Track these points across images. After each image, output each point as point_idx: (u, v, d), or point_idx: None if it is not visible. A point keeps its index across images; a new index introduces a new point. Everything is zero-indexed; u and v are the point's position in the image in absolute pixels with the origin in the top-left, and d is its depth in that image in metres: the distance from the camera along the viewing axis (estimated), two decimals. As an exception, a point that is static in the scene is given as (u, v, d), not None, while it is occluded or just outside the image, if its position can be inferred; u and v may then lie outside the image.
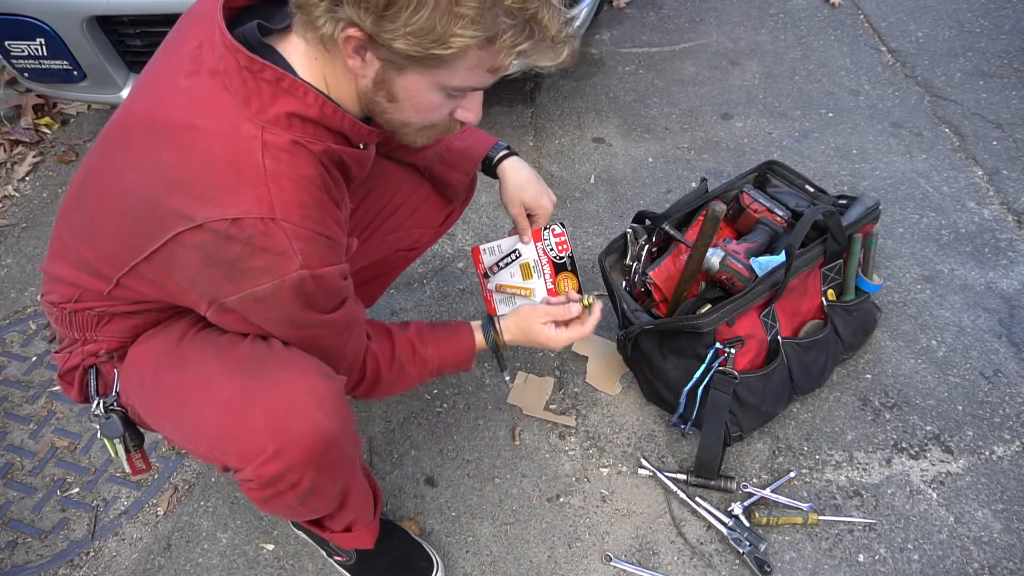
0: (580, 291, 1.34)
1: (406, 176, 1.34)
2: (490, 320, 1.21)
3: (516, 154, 1.32)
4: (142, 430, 1.12)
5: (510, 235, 1.40)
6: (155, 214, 0.83)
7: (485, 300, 1.44)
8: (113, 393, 1.06)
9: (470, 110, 0.93)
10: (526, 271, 1.39)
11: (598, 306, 1.22)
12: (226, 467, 0.97)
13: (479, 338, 1.20)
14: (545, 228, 1.36)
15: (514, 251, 1.39)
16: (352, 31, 0.78)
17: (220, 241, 0.81)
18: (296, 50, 0.86)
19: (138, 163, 0.85)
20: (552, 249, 1.37)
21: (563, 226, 1.37)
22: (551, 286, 1.39)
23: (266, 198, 0.80)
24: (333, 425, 0.92)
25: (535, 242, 1.37)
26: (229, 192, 0.80)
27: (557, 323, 1.21)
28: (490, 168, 1.32)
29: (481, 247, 1.42)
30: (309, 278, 0.85)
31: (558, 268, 1.38)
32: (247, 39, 0.84)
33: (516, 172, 1.30)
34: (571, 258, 1.38)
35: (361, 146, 0.95)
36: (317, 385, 0.92)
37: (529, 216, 1.34)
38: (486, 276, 1.43)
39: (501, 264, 1.40)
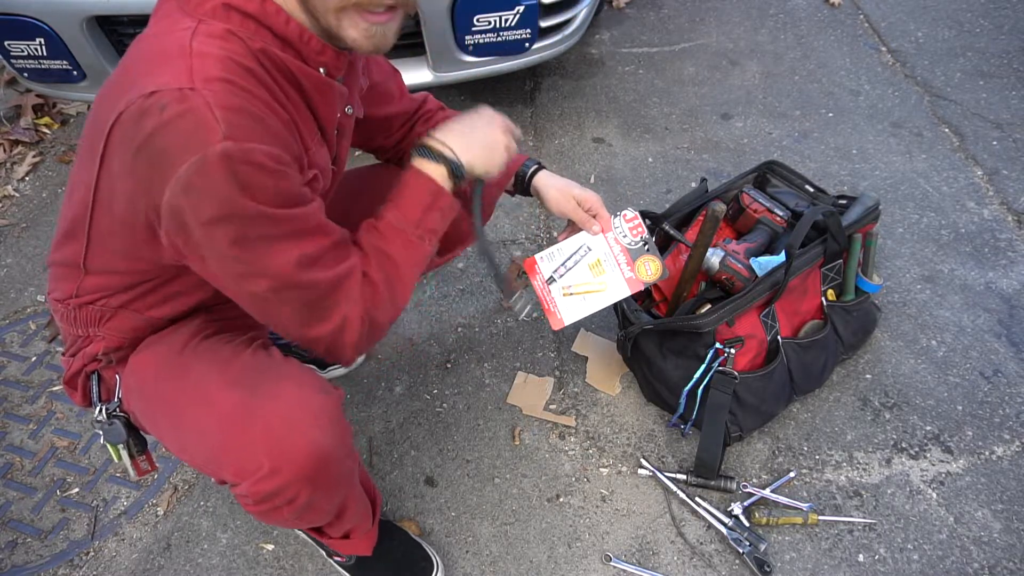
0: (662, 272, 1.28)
1: None
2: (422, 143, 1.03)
3: (545, 168, 1.31)
4: (144, 435, 1.12)
5: (565, 235, 1.32)
6: (96, 130, 0.82)
7: (547, 314, 1.30)
8: (115, 399, 1.07)
9: None
10: (596, 267, 1.29)
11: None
12: (223, 480, 0.96)
13: (417, 160, 1.00)
14: (615, 216, 1.29)
15: (581, 248, 1.30)
16: None
17: (136, 120, 0.75)
18: None
19: (100, 98, 0.86)
20: (626, 235, 1.28)
21: (634, 210, 1.29)
22: (630, 274, 1.28)
23: (186, 71, 0.75)
24: (329, 442, 0.91)
25: (604, 233, 1.28)
26: (150, 73, 0.76)
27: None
28: (521, 183, 1.29)
29: (537, 256, 1.32)
30: (236, 150, 0.75)
31: (634, 254, 1.29)
32: None
33: (552, 178, 1.28)
34: (648, 240, 1.29)
35: (322, 71, 0.89)
36: (314, 401, 0.91)
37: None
38: (550, 282, 1.31)
39: (568, 265, 1.30)
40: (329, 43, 0.88)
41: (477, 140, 1.05)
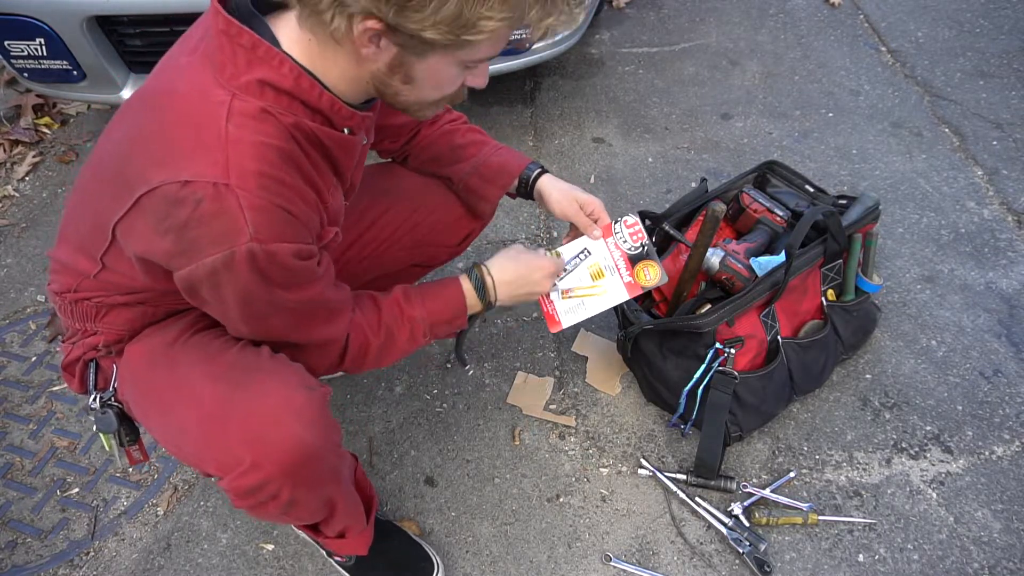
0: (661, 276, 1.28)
1: (432, 192, 1.32)
2: (475, 264, 1.17)
3: (548, 172, 1.31)
4: (138, 425, 1.13)
5: (568, 241, 1.33)
6: (124, 180, 0.82)
7: (546, 316, 1.31)
8: (111, 388, 1.07)
9: (480, 76, 0.91)
10: (596, 272, 1.30)
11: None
12: (207, 474, 0.97)
13: (468, 287, 1.15)
14: (615, 221, 1.30)
15: (581, 253, 1.31)
16: (370, 23, 0.75)
17: (169, 205, 0.78)
18: (287, 25, 0.84)
19: (121, 131, 0.87)
20: (626, 241, 1.29)
21: (635, 215, 1.30)
22: (629, 279, 1.28)
23: (222, 163, 0.77)
24: (311, 438, 0.91)
25: (604, 238, 1.29)
26: (186, 155, 0.78)
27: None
28: (523, 187, 1.30)
29: None
30: (261, 252, 0.80)
31: (634, 259, 1.29)
32: (238, 8, 0.83)
33: (555, 182, 1.29)
34: (647, 245, 1.29)
35: (345, 131, 0.92)
36: (298, 397, 0.91)
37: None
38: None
39: (567, 269, 1.31)
40: (357, 109, 0.91)
41: (520, 290, 1.19)
